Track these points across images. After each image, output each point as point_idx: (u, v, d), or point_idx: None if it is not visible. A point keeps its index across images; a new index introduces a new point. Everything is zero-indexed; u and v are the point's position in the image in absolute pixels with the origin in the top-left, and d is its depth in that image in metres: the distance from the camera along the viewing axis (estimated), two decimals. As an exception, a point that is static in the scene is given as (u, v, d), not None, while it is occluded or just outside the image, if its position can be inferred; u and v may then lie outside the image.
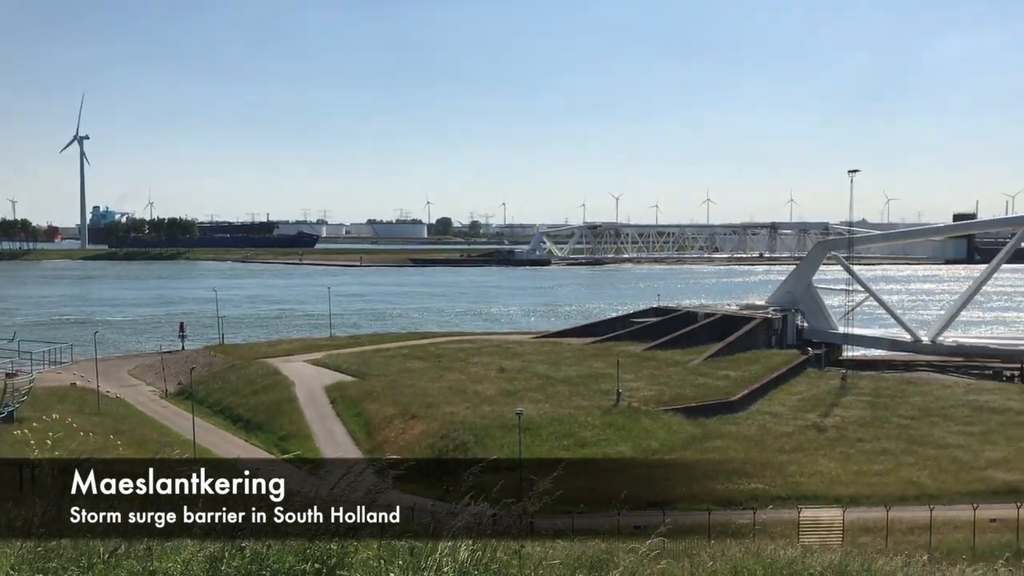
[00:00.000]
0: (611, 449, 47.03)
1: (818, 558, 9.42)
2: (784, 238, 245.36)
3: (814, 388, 61.67)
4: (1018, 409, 54.07)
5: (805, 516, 33.32)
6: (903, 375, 68.01)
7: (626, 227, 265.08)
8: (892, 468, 42.43)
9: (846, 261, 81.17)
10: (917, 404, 55.83)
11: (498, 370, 64.78)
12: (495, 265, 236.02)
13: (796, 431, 50.10)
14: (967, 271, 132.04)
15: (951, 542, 31.22)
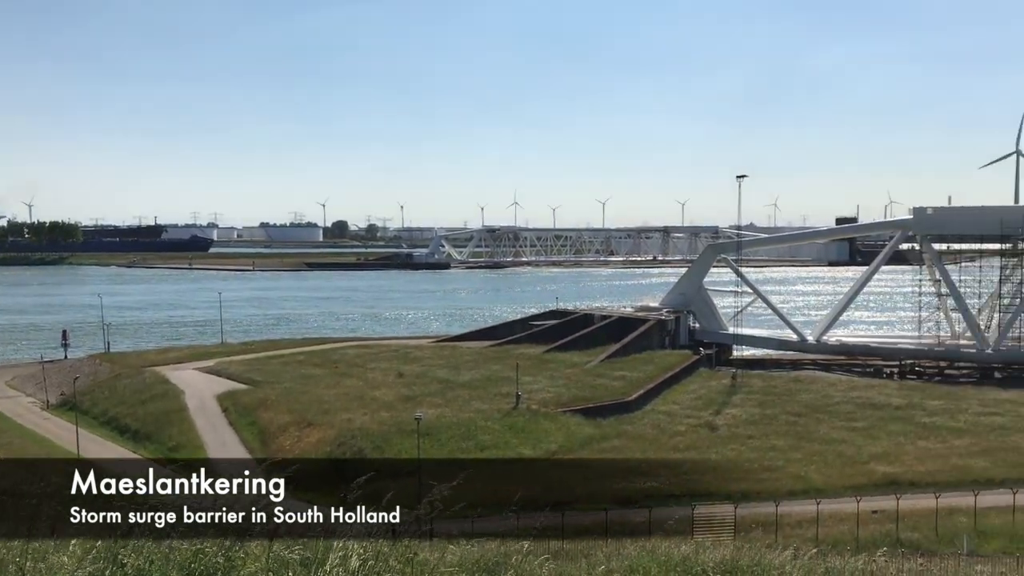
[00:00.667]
0: (511, 451, 47.17)
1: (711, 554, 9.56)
2: (677, 241, 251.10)
3: (706, 387, 63.22)
4: (897, 404, 56.58)
5: (699, 513, 34.05)
6: (790, 373, 70.36)
7: (525, 231, 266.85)
8: (781, 464, 43.79)
9: (735, 264, 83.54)
10: (804, 401, 57.81)
11: (397, 375, 64.24)
12: (393, 269, 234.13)
13: (689, 430, 51.24)
14: (849, 273, 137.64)
15: (837, 534, 32.38)
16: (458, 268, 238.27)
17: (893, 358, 73.96)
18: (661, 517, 33.48)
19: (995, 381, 67.23)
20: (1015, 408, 54.61)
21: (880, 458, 44.58)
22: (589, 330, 77.56)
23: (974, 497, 35.81)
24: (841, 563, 10.39)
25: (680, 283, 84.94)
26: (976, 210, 77.33)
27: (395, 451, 45.19)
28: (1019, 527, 33.95)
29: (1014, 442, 46.85)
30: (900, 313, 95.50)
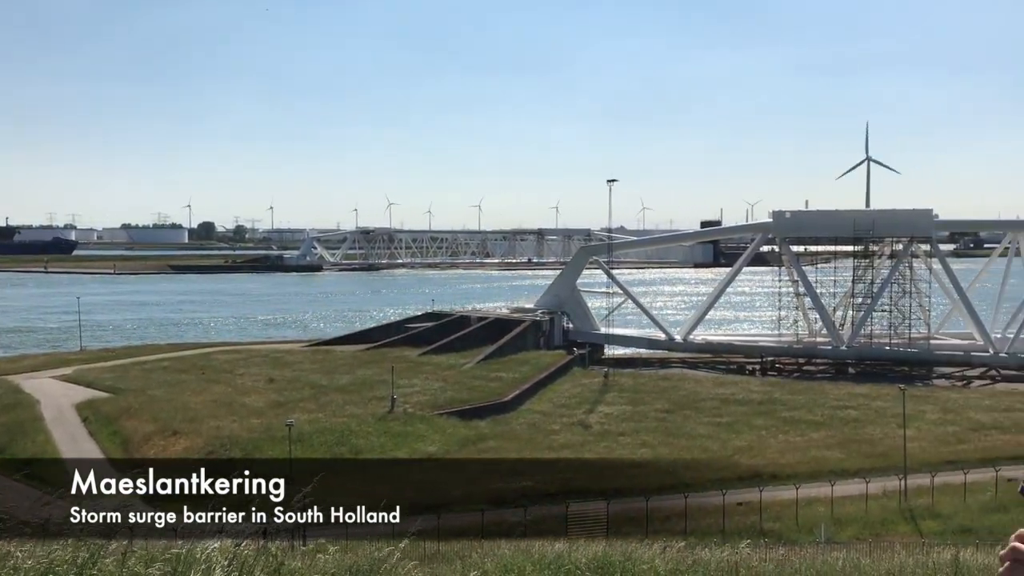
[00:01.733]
0: (387, 455, 46.75)
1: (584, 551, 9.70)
2: (551, 244, 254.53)
3: (580, 386, 64.31)
4: (759, 400, 58.95)
5: (573, 510, 34.57)
6: (659, 372, 72.37)
7: (400, 232, 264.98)
8: (651, 460, 44.95)
9: (607, 265, 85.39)
10: (672, 398, 59.53)
11: (267, 380, 62.73)
12: (263, 271, 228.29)
13: (564, 428, 52.01)
14: (713, 274, 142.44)
15: (704, 527, 33.47)
16: (331, 270, 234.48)
17: (755, 355, 77.05)
18: (536, 516, 33.85)
19: (849, 376, 70.94)
20: (868, 402, 57.71)
21: (744, 452, 46.33)
22: (465, 332, 77.74)
23: (831, 487, 37.66)
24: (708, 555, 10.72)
25: (554, 285, 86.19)
26: (830, 214, 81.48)
27: (266, 458, 44.08)
28: (871, 514, 35.92)
29: (867, 434, 49.50)
30: (761, 312, 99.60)
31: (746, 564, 9.41)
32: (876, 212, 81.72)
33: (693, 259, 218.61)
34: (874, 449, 46.02)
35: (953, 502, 36.07)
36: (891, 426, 48.28)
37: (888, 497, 37.91)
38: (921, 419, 50.74)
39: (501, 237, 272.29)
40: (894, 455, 42.34)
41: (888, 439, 46.61)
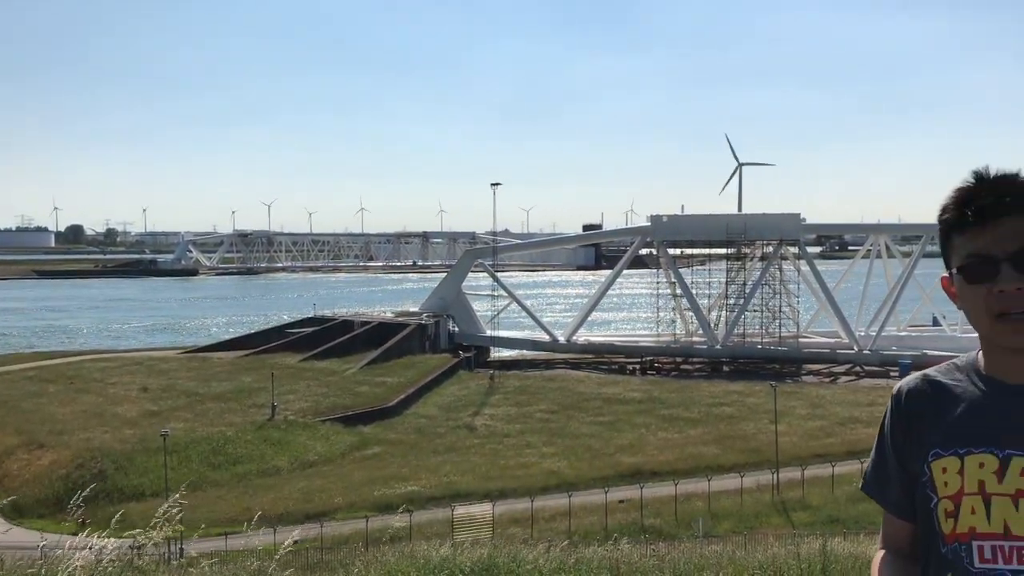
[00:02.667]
0: (267, 464, 45.74)
1: (469, 554, 9.71)
2: (435, 247, 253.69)
3: (466, 389, 64.41)
4: (640, 399, 60.33)
5: (458, 513, 34.59)
6: (544, 373, 73.16)
7: (279, 235, 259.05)
8: (535, 460, 45.41)
9: (492, 268, 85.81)
10: (556, 399, 60.28)
11: (141, 389, 60.47)
12: (136, 276, 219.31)
13: (449, 431, 52.00)
14: (595, 276, 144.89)
15: (587, 525, 34.00)
16: (208, 274, 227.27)
17: (635, 355, 78.79)
18: (422, 521, 33.73)
19: (724, 374, 73.32)
20: (741, 399, 59.80)
21: (625, 450, 47.30)
22: (348, 336, 76.76)
23: (708, 482, 38.85)
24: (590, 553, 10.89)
25: (439, 288, 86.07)
26: (705, 218, 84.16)
27: (139, 470, 42.49)
28: (746, 508, 37.22)
29: (741, 430, 51.29)
30: (641, 313, 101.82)
31: (627, 561, 9.61)
32: (747, 216, 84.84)
33: (576, 262, 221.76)
34: (748, 445, 47.70)
35: (822, 494, 37.73)
36: (764, 422, 50.15)
37: (762, 491, 39.35)
38: (791, 415, 52.87)
39: (385, 240, 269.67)
40: (767, 450, 44.00)
41: (761, 435, 48.40)
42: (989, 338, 2.04)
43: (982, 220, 2.00)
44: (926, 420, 2.13)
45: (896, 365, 67.03)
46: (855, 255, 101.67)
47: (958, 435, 2.05)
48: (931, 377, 2.20)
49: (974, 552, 1.98)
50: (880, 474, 2.27)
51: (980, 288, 1.99)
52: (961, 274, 2.03)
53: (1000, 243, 1.97)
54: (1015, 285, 1.94)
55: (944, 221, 2.09)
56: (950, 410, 2.10)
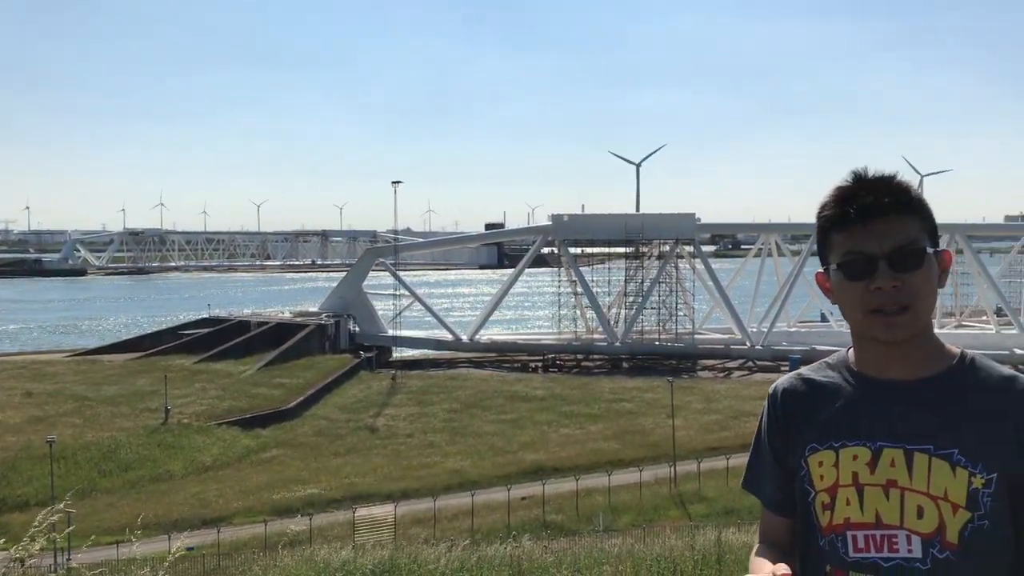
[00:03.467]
0: (160, 470, 44.40)
1: (370, 556, 9.65)
2: (335, 245, 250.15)
3: (367, 390, 63.80)
4: (542, 396, 60.85)
5: (360, 515, 34.27)
6: (447, 372, 73.08)
7: (172, 234, 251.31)
8: (438, 460, 45.32)
9: (393, 267, 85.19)
10: (459, 398, 60.29)
11: (24, 394, 57.84)
12: (19, 276, 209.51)
13: (350, 433, 51.43)
14: (498, 275, 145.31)
15: (490, 523, 34.11)
16: (97, 274, 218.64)
17: (537, 353, 79.44)
18: (322, 524, 33.29)
19: (623, 371, 74.54)
20: (640, 394, 60.94)
21: (528, 447, 47.64)
22: (245, 337, 75.06)
23: (608, 477, 39.47)
24: (492, 551, 10.94)
25: (340, 287, 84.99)
26: (604, 217, 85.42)
27: (24, 479, 40.66)
28: (645, 501, 37.96)
29: (640, 425, 52.27)
30: (543, 311, 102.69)
31: (528, 558, 9.69)
32: (645, 216, 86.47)
33: (478, 261, 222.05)
34: (647, 439, 48.64)
35: (717, 485, 38.75)
36: (661, 417, 51.24)
37: (660, 484, 40.20)
38: (688, 409, 54.18)
39: (283, 239, 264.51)
40: (665, 444, 44.97)
41: (659, 429, 49.43)
42: (862, 332, 2.13)
43: (862, 219, 2.08)
44: (802, 417, 2.21)
45: (787, 360, 69.27)
46: (747, 254, 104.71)
47: (832, 429, 2.13)
48: (804, 376, 2.28)
49: (849, 542, 2.06)
50: (758, 471, 2.36)
51: (858, 284, 2.07)
52: (840, 270, 2.11)
53: (878, 242, 2.05)
54: (891, 283, 2.03)
55: (824, 218, 2.16)
56: (824, 406, 2.18)
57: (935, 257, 2.10)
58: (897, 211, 2.08)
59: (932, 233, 2.13)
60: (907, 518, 2.01)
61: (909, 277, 2.05)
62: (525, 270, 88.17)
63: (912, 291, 2.05)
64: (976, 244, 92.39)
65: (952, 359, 2.15)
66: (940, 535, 1.98)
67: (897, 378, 2.12)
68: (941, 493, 1.99)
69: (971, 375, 2.11)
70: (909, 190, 2.13)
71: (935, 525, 1.98)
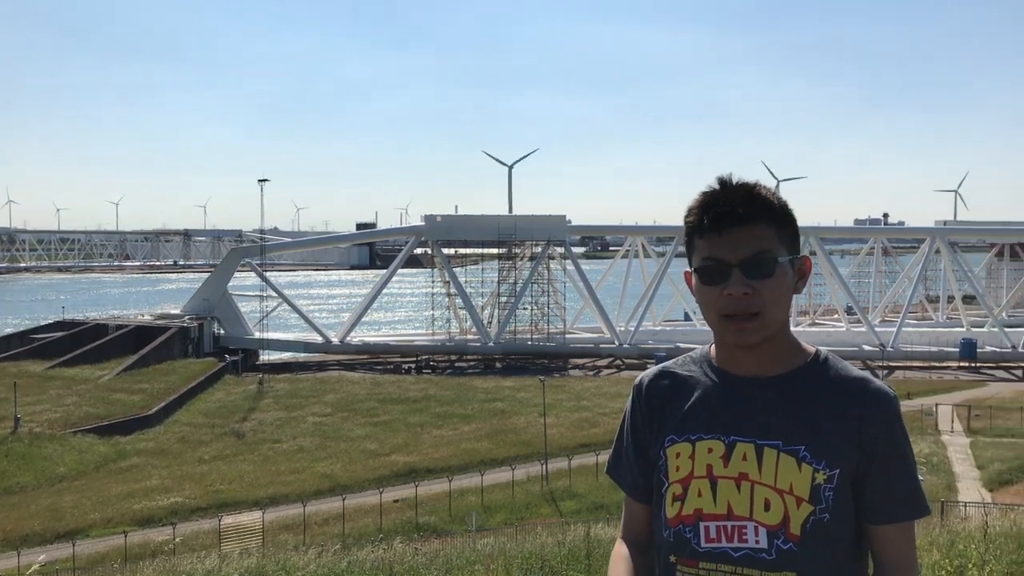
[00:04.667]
0: (9, 482, 41.96)
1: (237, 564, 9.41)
2: (199, 246, 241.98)
3: (232, 394, 62.04)
4: (415, 398, 60.58)
5: (226, 523, 33.28)
6: (317, 375, 71.82)
7: (22, 232, 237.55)
8: (308, 465, 44.46)
9: (259, 268, 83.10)
10: (330, 402, 59.34)
11: None
12: None
13: (215, 439, 49.89)
14: (369, 276, 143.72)
15: (362, 527, 33.71)
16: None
17: (410, 354, 79.08)
18: (187, 533, 32.19)
19: (497, 371, 75.07)
20: (513, 394, 61.49)
21: (400, 449, 47.33)
22: (102, 341, 71.71)
23: (481, 477, 39.65)
24: (364, 555, 10.85)
25: (203, 288, 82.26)
26: (477, 218, 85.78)
27: None
28: (517, 499, 38.31)
29: (512, 424, 52.72)
30: (416, 312, 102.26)
31: (400, 560, 9.64)
32: (517, 217, 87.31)
33: (350, 261, 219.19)
34: (519, 438, 49.10)
35: (587, 482, 39.47)
36: (533, 415, 51.82)
37: (532, 482, 40.65)
38: (559, 407, 55.00)
39: (143, 238, 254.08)
40: (537, 442, 45.52)
41: (531, 427, 49.98)
42: (717, 333, 2.21)
43: (718, 227, 2.14)
44: (664, 409, 2.28)
45: (653, 357, 71.29)
46: (615, 255, 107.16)
47: (691, 422, 2.21)
48: (668, 369, 2.36)
49: (701, 532, 2.12)
50: (621, 460, 2.41)
51: (713, 289, 2.14)
52: (698, 275, 2.19)
53: (733, 249, 2.12)
54: (742, 290, 2.11)
55: (688, 223, 2.22)
56: (685, 399, 2.25)
57: (792, 264, 2.18)
58: (753, 220, 2.14)
59: (791, 241, 2.20)
60: (756, 510, 2.09)
61: (761, 285, 2.11)
62: (398, 271, 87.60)
63: (763, 299, 2.12)
64: (828, 246, 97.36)
65: (807, 357, 2.23)
66: (785, 527, 2.06)
67: (752, 375, 2.19)
68: (787, 487, 2.07)
69: (823, 374, 2.19)
70: (768, 199, 2.18)
71: (780, 518, 2.07)
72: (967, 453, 44.07)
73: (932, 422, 51.66)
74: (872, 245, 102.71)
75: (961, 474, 39.87)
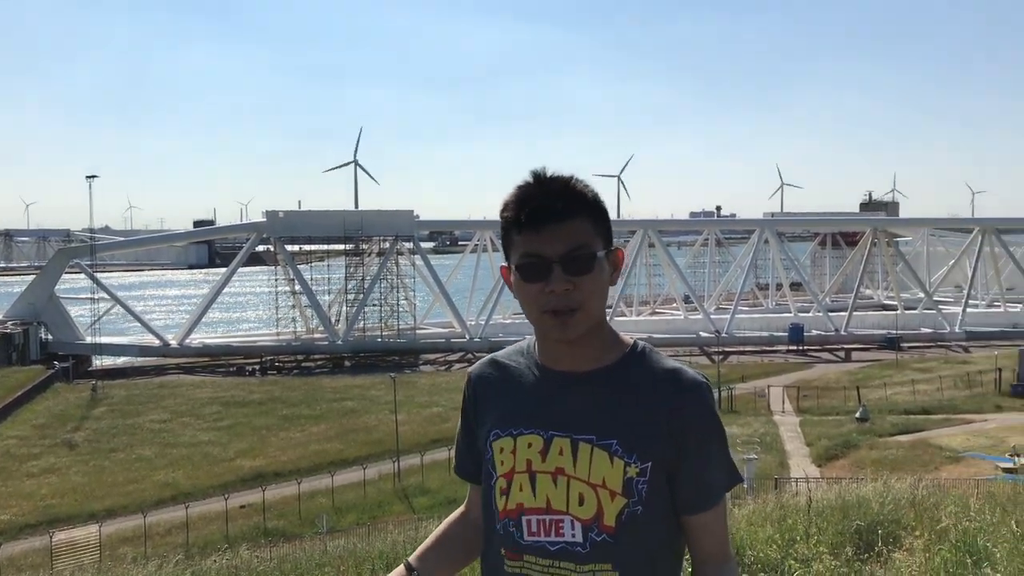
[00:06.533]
0: None
1: (69, 583, 8.93)
2: (22, 246, 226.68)
3: (63, 403, 58.60)
4: (260, 400, 58.97)
5: (59, 539, 31.43)
6: (155, 380, 68.78)
7: None
8: (147, 473, 42.57)
9: (90, 269, 78.80)
10: (170, 407, 56.99)
11: None
12: None
13: (45, 451, 47.00)
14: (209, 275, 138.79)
15: (207, 535, 32.59)
16: None
17: (255, 356, 76.96)
18: (15, 553, 30.31)
19: (346, 369, 74.07)
20: (363, 392, 60.82)
21: (246, 454, 46.01)
22: (-88, 351, 66.23)
23: (331, 478, 39.05)
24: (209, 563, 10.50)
25: (28, 291, 77.24)
26: (322, 214, 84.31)
27: None
28: (369, 499, 37.99)
29: (363, 423, 52.19)
30: (260, 312, 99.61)
31: (247, 567, 9.38)
32: (364, 212, 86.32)
33: (187, 260, 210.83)
34: (370, 436, 48.69)
35: (440, 477, 39.54)
36: (384, 413, 51.46)
37: (384, 480, 40.40)
38: (411, 403, 54.81)
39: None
40: (388, 440, 45.24)
41: (383, 425, 49.64)
42: (538, 329, 2.21)
43: (536, 223, 2.12)
44: (490, 402, 2.28)
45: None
46: (465, 250, 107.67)
47: (513, 416, 2.21)
48: (498, 360, 2.35)
49: (523, 526, 2.14)
50: (461, 450, 2.42)
51: (534, 286, 2.13)
52: (518, 272, 2.16)
53: (552, 246, 2.10)
54: (564, 286, 2.09)
55: (504, 219, 2.18)
56: (509, 393, 2.25)
57: (608, 257, 2.17)
58: (571, 215, 2.12)
59: (606, 234, 2.19)
60: (571, 504, 2.10)
61: (581, 280, 2.10)
62: (239, 269, 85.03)
63: (583, 294, 2.11)
64: (666, 238, 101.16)
65: (624, 350, 2.23)
66: (598, 520, 2.08)
67: (570, 369, 2.19)
68: (600, 481, 2.09)
69: (637, 367, 2.19)
70: (584, 193, 2.17)
71: (594, 511, 2.09)
72: (797, 431, 46.82)
73: (765, 403, 54.60)
74: (706, 237, 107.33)
75: (792, 451, 42.33)
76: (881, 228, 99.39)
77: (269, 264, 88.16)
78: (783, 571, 5.65)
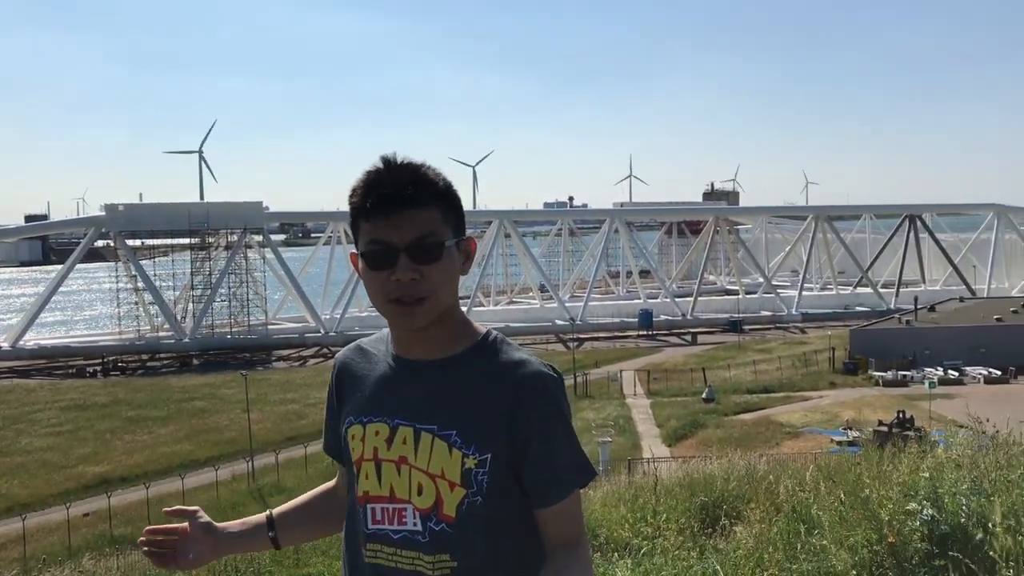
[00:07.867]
0: None
1: None
2: None
3: None
4: (103, 403, 56.19)
5: None
6: (-16, 385, 64.39)
7: None
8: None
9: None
10: (2, 413, 53.58)
11: None
12: None
13: None
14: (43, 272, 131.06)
15: (48, 546, 30.83)
16: None
17: (96, 356, 73.22)
18: None
19: (195, 368, 71.47)
20: (213, 391, 58.89)
21: (89, 459, 43.81)
22: None
23: (182, 481, 37.68)
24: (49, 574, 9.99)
25: None
26: (166, 207, 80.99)
27: None
28: (223, 500, 36.80)
29: (213, 423, 50.54)
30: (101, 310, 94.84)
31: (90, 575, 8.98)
32: (210, 204, 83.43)
33: (19, 257, 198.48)
34: (222, 436, 47.25)
35: (296, 475, 38.79)
36: (236, 412, 49.97)
37: (238, 481, 39.30)
38: (264, 401, 53.50)
39: None
40: (241, 440, 43.99)
41: (235, 425, 48.21)
42: (386, 318, 2.18)
43: (384, 210, 2.08)
44: (349, 388, 2.27)
45: (359, 344, 71.44)
46: (317, 242, 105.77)
47: (365, 404, 2.20)
48: (361, 347, 2.33)
49: (369, 514, 2.15)
50: (327, 429, 2.39)
51: (380, 274, 2.09)
52: (364, 259, 2.11)
53: (399, 233, 2.07)
54: (410, 275, 2.07)
55: (352, 204, 2.14)
56: (365, 380, 2.24)
57: (458, 246, 2.15)
58: (419, 203, 2.09)
59: (457, 222, 2.17)
60: (412, 494, 2.11)
61: (428, 269, 2.08)
62: (76, 266, 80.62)
63: (430, 283, 2.09)
64: (521, 228, 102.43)
65: (475, 339, 2.21)
66: (437, 510, 2.08)
67: (418, 358, 2.18)
68: (439, 471, 2.08)
69: (485, 358, 2.17)
70: (435, 181, 2.14)
71: (432, 501, 2.09)
72: (648, 413, 48.47)
73: (618, 387, 56.24)
74: (560, 227, 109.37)
75: (644, 432, 43.80)
76: (723, 217, 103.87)
77: (109, 260, 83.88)
78: (631, 548, 5.88)
